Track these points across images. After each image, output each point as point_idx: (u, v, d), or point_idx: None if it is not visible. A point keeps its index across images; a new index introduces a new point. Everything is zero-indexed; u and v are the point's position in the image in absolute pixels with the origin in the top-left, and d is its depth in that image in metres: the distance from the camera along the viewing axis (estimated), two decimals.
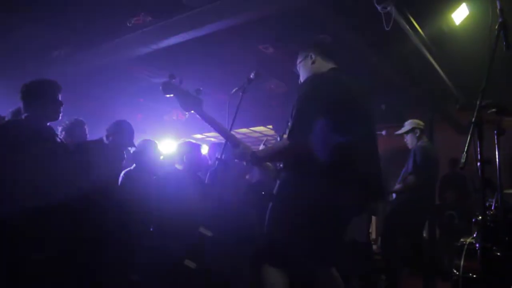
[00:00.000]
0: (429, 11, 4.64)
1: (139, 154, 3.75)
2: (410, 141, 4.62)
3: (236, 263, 3.31)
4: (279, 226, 2.28)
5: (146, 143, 3.82)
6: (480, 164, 1.91)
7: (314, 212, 2.15)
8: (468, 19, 4.64)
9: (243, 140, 2.62)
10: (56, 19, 5.24)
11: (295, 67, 2.61)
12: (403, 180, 4.51)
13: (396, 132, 4.70)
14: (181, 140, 3.99)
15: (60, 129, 3.77)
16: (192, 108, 2.54)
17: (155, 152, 3.87)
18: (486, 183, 1.93)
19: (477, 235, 3.54)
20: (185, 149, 3.80)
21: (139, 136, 3.93)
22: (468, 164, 1.84)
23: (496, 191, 2.99)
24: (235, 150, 2.44)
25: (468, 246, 3.47)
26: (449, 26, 4.83)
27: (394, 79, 6.00)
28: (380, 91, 6.30)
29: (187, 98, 2.54)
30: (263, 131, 10.31)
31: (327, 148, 2.15)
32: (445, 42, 5.13)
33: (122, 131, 3.50)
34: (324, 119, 2.17)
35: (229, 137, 2.56)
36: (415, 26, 4.51)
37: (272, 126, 9.33)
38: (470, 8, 4.54)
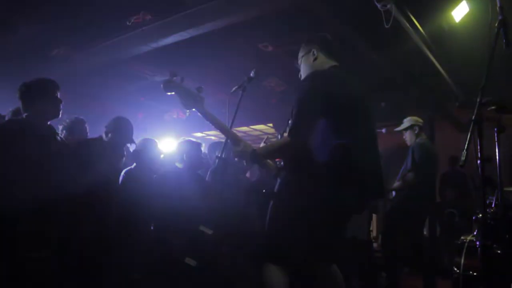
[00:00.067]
0: (429, 9, 4.64)
1: (139, 153, 3.76)
2: (409, 138, 4.61)
3: (237, 261, 3.32)
4: (280, 224, 2.29)
5: (146, 142, 3.82)
6: (480, 162, 1.91)
7: (315, 209, 2.16)
8: (468, 17, 4.64)
9: (244, 138, 2.61)
10: (55, 17, 5.23)
11: (296, 61, 2.61)
12: (402, 177, 4.51)
13: (395, 129, 4.70)
14: (181, 139, 3.98)
15: (61, 127, 3.77)
16: (193, 106, 2.54)
17: (156, 150, 3.88)
18: (486, 181, 1.93)
19: (477, 233, 3.54)
20: (185, 147, 3.80)
21: (140, 135, 3.93)
22: (468, 162, 1.84)
23: (496, 189, 3.00)
24: (236, 148, 2.44)
25: (469, 244, 3.47)
26: (449, 24, 4.82)
27: (394, 77, 5.99)
28: (380, 89, 6.30)
29: (188, 96, 2.53)
30: (263, 129, 10.31)
31: (327, 146, 2.15)
32: (445, 39, 5.13)
33: (121, 128, 3.49)
34: (324, 117, 2.17)
35: (230, 135, 2.56)
36: (415, 24, 4.51)
37: (272, 124, 9.32)
38: (470, 6, 4.54)
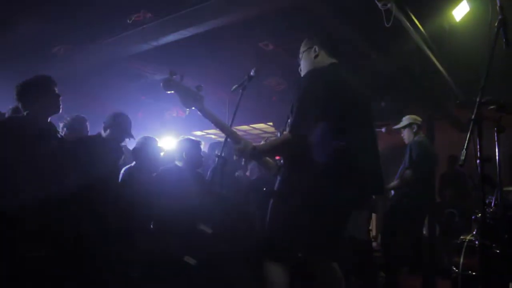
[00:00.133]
0: (429, 8, 4.64)
1: (139, 151, 3.75)
2: (407, 136, 4.61)
3: (236, 259, 3.32)
4: (281, 221, 2.29)
5: (146, 140, 3.82)
6: (479, 161, 1.91)
7: (315, 207, 2.16)
8: (468, 16, 4.64)
9: (244, 137, 2.61)
10: (56, 15, 5.24)
11: (298, 56, 2.61)
12: (400, 176, 4.51)
13: (393, 127, 4.69)
14: (180, 137, 3.98)
15: (62, 125, 3.78)
16: (193, 105, 2.54)
17: (156, 148, 3.87)
18: (485, 181, 1.93)
19: (476, 232, 3.54)
20: (184, 145, 3.80)
21: (140, 133, 3.92)
22: (468, 161, 1.84)
23: (495, 189, 3.00)
24: (237, 145, 2.44)
25: (468, 243, 3.48)
26: (449, 23, 4.82)
27: (394, 76, 5.99)
28: (380, 89, 6.29)
29: (187, 94, 2.53)
30: (263, 128, 10.31)
31: (327, 144, 2.16)
32: (445, 39, 5.12)
33: (120, 123, 3.48)
34: (324, 114, 2.18)
35: (230, 133, 2.56)
36: (415, 23, 4.50)
37: (272, 123, 9.31)
38: (471, 5, 4.54)
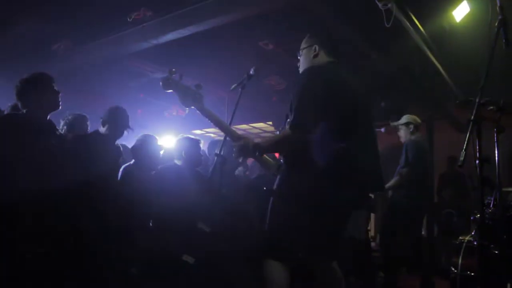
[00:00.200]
0: (429, 8, 4.63)
1: (138, 149, 3.74)
2: (403, 134, 4.61)
3: (235, 258, 3.31)
4: (281, 220, 2.30)
5: (145, 138, 3.81)
6: (478, 162, 1.91)
7: (315, 206, 2.17)
8: (468, 16, 4.64)
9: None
10: (56, 13, 5.23)
11: (297, 56, 2.61)
12: (398, 174, 4.51)
13: (391, 123, 4.69)
14: (179, 136, 3.97)
15: (62, 123, 3.78)
16: (192, 104, 2.53)
17: (155, 147, 3.86)
18: (484, 181, 1.93)
19: (475, 233, 3.55)
20: (184, 144, 3.79)
21: (139, 131, 3.92)
22: (467, 162, 1.84)
23: (494, 189, 2.99)
24: (238, 143, 2.43)
25: (466, 244, 3.48)
26: (450, 24, 4.82)
27: (394, 77, 5.99)
28: (380, 89, 6.29)
29: (187, 93, 2.53)
30: (262, 128, 10.30)
31: (327, 144, 2.16)
32: (445, 39, 5.12)
33: (117, 117, 3.48)
34: (324, 113, 2.18)
35: (229, 132, 2.56)
36: (415, 23, 4.50)
37: (272, 122, 9.31)
38: (471, 6, 4.54)
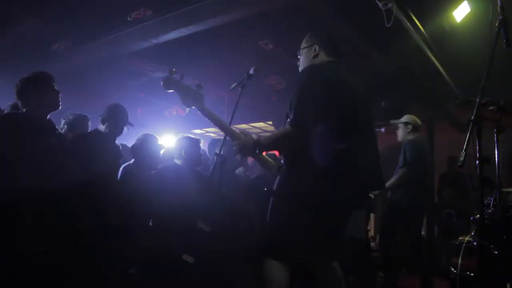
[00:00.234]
0: (430, 8, 4.63)
1: (138, 148, 3.74)
2: (401, 134, 4.61)
3: (235, 257, 3.31)
4: (281, 219, 2.30)
5: (146, 137, 3.80)
6: (478, 162, 1.91)
7: (314, 207, 2.17)
8: (469, 17, 4.63)
9: None
10: (56, 13, 5.23)
11: (297, 55, 2.61)
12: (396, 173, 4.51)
13: (391, 121, 4.70)
14: (179, 135, 3.97)
15: (63, 122, 3.78)
16: (193, 104, 2.53)
17: (155, 146, 3.85)
18: (484, 181, 1.93)
19: (475, 233, 3.55)
20: (183, 143, 3.79)
21: (139, 131, 3.92)
22: (467, 162, 1.84)
23: (494, 189, 2.99)
24: (238, 142, 2.43)
25: (466, 244, 3.48)
26: (450, 24, 4.82)
27: (394, 77, 5.98)
28: (381, 88, 6.29)
29: (188, 93, 2.52)
30: (262, 127, 10.30)
31: (326, 144, 2.16)
32: (446, 39, 5.12)
33: (116, 114, 3.48)
34: (324, 113, 2.18)
35: (230, 132, 2.55)
36: (416, 23, 4.50)
37: (272, 122, 9.31)
38: (472, 6, 4.53)
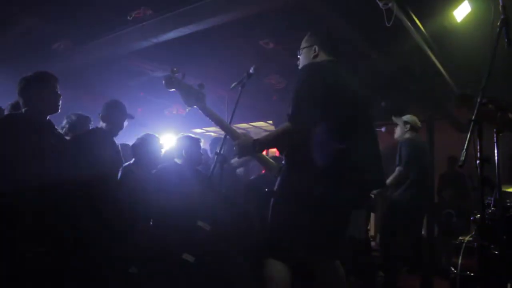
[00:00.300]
0: (430, 8, 4.62)
1: (138, 147, 3.74)
2: (398, 132, 4.63)
3: (236, 257, 3.31)
4: (281, 222, 2.30)
5: (146, 137, 3.81)
6: (479, 162, 1.90)
7: (314, 207, 2.17)
8: (470, 16, 4.62)
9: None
10: (56, 13, 5.23)
11: (298, 54, 2.61)
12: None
13: (392, 117, 4.70)
14: (180, 134, 3.97)
15: (65, 122, 3.78)
16: (195, 103, 2.53)
17: (155, 145, 3.86)
18: (484, 181, 1.92)
19: (475, 233, 3.54)
20: (184, 143, 3.79)
21: (139, 130, 3.92)
22: (467, 162, 1.83)
23: (494, 189, 2.99)
24: (238, 141, 2.43)
25: (466, 244, 3.47)
26: (450, 24, 4.80)
27: (394, 76, 5.98)
28: (380, 88, 6.29)
29: (190, 93, 2.52)
30: (263, 127, 10.30)
31: (326, 144, 2.15)
32: (446, 39, 5.11)
33: (115, 110, 3.48)
34: (324, 113, 2.18)
35: (231, 132, 2.55)
36: (416, 23, 4.49)
37: (272, 121, 9.31)
38: (472, 5, 4.52)
